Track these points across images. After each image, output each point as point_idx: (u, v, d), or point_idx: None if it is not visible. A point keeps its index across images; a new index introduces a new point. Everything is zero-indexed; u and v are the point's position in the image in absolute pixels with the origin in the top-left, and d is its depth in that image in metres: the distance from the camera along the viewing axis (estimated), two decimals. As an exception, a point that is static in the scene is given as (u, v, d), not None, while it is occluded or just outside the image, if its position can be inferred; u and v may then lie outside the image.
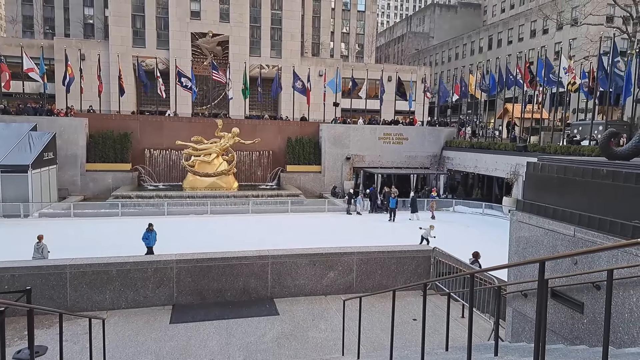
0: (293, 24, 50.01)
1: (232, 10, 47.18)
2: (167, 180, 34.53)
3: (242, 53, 46.81)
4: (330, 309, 9.33)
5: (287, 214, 27.98)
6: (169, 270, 9.26)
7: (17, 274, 8.54)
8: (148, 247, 16.80)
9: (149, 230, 17.00)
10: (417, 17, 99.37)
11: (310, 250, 10.34)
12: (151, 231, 16.98)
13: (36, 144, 26.96)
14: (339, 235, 22.05)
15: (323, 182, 35.91)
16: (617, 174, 4.98)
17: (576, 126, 30.75)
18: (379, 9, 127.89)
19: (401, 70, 50.99)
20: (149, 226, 17.13)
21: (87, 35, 57.69)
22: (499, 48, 62.24)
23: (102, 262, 9.09)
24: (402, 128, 38.24)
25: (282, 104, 46.02)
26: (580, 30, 43.41)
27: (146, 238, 16.84)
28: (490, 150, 31.78)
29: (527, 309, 6.09)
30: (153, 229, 17.12)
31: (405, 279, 10.46)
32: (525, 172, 6.89)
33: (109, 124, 33.86)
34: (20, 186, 25.22)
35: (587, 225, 5.20)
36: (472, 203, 31.02)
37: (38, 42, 43.79)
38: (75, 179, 31.61)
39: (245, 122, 36.64)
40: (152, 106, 43.09)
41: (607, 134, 5.78)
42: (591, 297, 4.99)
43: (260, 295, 9.73)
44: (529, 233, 6.12)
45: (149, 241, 16.82)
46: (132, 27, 46.11)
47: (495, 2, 77.70)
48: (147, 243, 16.83)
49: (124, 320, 8.52)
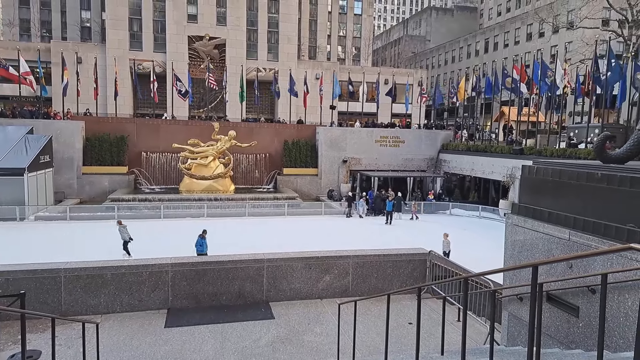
0: (290, 27, 50.10)
1: (229, 13, 47.24)
2: (163, 183, 34.44)
3: (239, 56, 46.87)
4: (326, 313, 9.30)
5: (284, 217, 27.95)
6: (164, 274, 9.21)
7: (11, 277, 8.48)
8: (200, 253, 15.91)
9: (202, 236, 16.38)
10: (413, 21, 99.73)
11: (306, 254, 10.32)
12: (204, 237, 16.39)
13: (32, 147, 26.87)
14: (335, 238, 22.02)
15: (320, 185, 35.90)
16: (612, 178, 4.99)
17: (572, 129, 30.86)
18: (376, 12, 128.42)
19: (398, 73, 51.17)
20: (203, 232, 16.50)
21: (84, 38, 57.65)
22: (495, 51, 62.52)
23: (97, 265, 9.04)
24: (399, 131, 38.30)
25: (279, 106, 46.04)
26: (576, 34, 43.66)
27: (200, 245, 16.20)
28: (487, 153, 31.85)
29: (523, 312, 6.08)
30: (206, 235, 16.49)
31: (401, 283, 10.45)
32: (520, 176, 6.90)
33: (105, 126, 33.77)
34: (16, 189, 25.11)
35: (582, 228, 5.21)
36: (468, 206, 31.06)
37: (35, 45, 43.68)
38: (71, 182, 31.49)
39: (242, 125, 36.63)
40: (149, 109, 43.03)
41: (601, 138, 5.79)
42: (586, 301, 4.99)
43: (256, 299, 9.69)
44: (524, 236, 6.11)
45: (202, 248, 16.18)
46: (129, 30, 46.10)
47: (491, 5, 78.16)
48: (200, 250, 16.15)
49: (118, 324, 8.47)
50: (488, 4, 79.23)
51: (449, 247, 18.19)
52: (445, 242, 18.37)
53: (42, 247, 18.84)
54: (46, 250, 15.13)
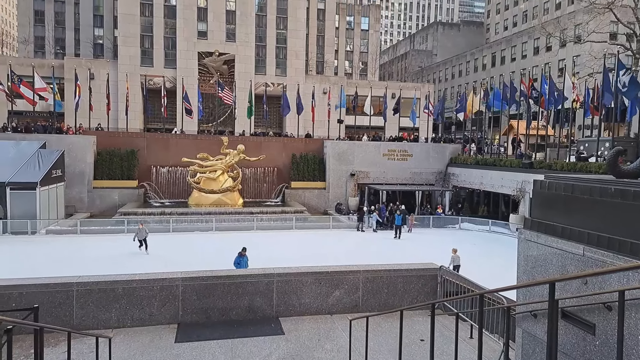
0: (298, 43, 50.74)
1: (238, 30, 48.01)
2: (172, 197, 34.67)
3: (247, 71, 47.45)
4: (337, 329, 9.23)
5: (292, 231, 27.92)
6: (175, 288, 9.22)
7: (25, 291, 8.54)
8: None
9: (241, 255, 16.02)
10: (420, 35, 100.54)
11: (316, 269, 10.27)
12: (243, 256, 15.99)
13: (45, 162, 27.26)
14: (343, 252, 21.93)
15: (327, 198, 35.89)
16: (626, 192, 4.95)
17: (582, 143, 30.67)
18: (382, 27, 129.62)
19: (405, 88, 51.36)
20: (242, 250, 16.11)
21: (96, 55, 58.80)
22: (502, 65, 62.65)
23: (109, 279, 9.07)
24: (407, 144, 38.33)
25: (287, 121, 46.38)
26: (584, 47, 43.66)
27: (237, 263, 15.81)
28: (496, 166, 31.70)
29: (537, 329, 5.99)
30: (245, 253, 16.09)
31: (411, 298, 10.34)
32: (532, 190, 6.86)
33: (116, 141, 34.22)
34: (29, 203, 25.43)
35: (597, 244, 5.15)
36: (478, 220, 30.80)
37: (49, 61, 44.63)
38: (82, 195, 31.81)
39: (250, 139, 36.91)
40: (159, 124, 43.56)
41: (614, 152, 5.76)
42: (602, 318, 4.91)
43: (266, 314, 9.64)
44: (537, 252, 6.06)
45: (240, 266, 15.79)
46: (141, 46, 46.97)
47: (497, 20, 78.57)
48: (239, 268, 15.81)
49: (129, 339, 8.47)
50: (494, 19, 79.67)
51: (458, 261, 18.03)
52: (455, 257, 18.21)
53: (53, 260, 18.98)
54: (57, 264, 15.25)
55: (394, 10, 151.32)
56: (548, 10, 65.36)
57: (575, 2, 58.00)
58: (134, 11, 46.44)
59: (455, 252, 18.38)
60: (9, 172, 25.73)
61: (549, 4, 65.39)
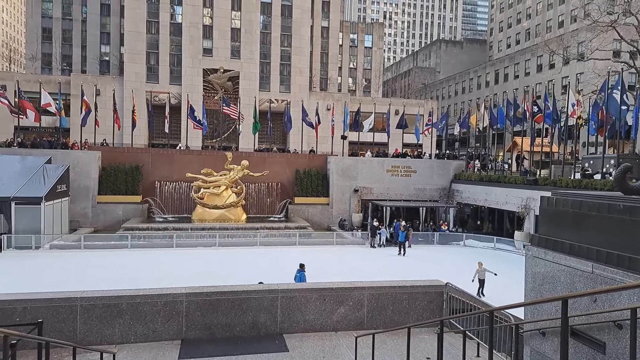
0: (302, 60, 51.35)
1: (243, 47, 48.68)
2: (176, 212, 34.68)
3: (252, 88, 47.93)
4: (341, 346, 9.11)
5: (295, 247, 27.78)
6: (179, 303, 9.16)
7: (29, 306, 8.51)
8: None
9: (301, 269, 15.99)
10: (423, 53, 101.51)
11: (321, 285, 10.19)
12: (303, 270, 15.97)
13: (50, 177, 27.42)
14: (347, 268, 21.78)
15: (331, 214, 35.81)
16: (635, 209, 4.93)
17: (587, 160, 30.61)
18: (386, 45, 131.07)
19: (408, 104, 51.67)
20: (301, 267, 16.07)
21: (102, 71, 59.63)
22: (505, 82, 63.04)
23: (113, 294, 9.03)
24: (410, 161, 38.36)
25: (291, 137, 46.64)
26: (588, 65, 43.91)
27: (299, 279, 15.69)
28: (501, 183, 31.61)
29: (546, 348, 5.90)
30: (305, 269, 16.07)
31: (417, 315, 10.22)
32: (539, 207, 6.84)
33: (121, 156, 34.43)
34: (33, 218, 25.49)
35: (606, 261, 5.11)
36: (482, 237, 30.57)
37: (56, 78, 45.30)
38: (86, 210, 31.89)
39: (254, 154, 37.06)
40: (163, 139, 43.87)
41: (622, 169, 5.76)
42: (613, 336, 4.84)
43: (270, 330, 9.54)
44: (545, 269, 6.01)
45: (300, 280, 15.69)
46: (147, 63, 47.65)
47: (500, 37, 79.36)
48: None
49: (133, 355, 8.39)
50: (497, 37, 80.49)
51: (483, 275, 18.07)
52: (480, 270, 18.18)
53: (56, 275, 18.94)
54: (60, 279, 15.20)
55: (397, 28, 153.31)
56: (551, 28, 66.05)
57: (578, 20, 58.64)
58: (140, 29, 47.25)
59: (480, 265, 18.32)
60: (14, 186, 25.89)
61: (552, 22, 66.10)
